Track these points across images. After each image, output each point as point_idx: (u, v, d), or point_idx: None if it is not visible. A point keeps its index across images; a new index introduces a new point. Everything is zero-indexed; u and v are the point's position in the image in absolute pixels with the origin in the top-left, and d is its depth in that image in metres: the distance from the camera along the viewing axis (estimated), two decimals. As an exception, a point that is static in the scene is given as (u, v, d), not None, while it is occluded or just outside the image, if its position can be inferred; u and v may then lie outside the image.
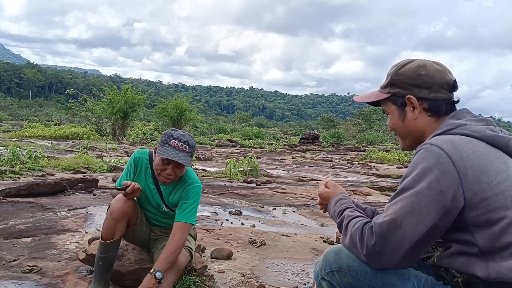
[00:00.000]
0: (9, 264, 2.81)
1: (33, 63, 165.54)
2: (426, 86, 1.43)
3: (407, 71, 1.47)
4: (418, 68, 1.45)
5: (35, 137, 21.50)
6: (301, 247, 3.75)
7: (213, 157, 15.01)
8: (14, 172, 7.72)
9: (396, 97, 1.50)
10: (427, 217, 1.22)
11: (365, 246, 1.29)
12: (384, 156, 18.56)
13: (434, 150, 1.26)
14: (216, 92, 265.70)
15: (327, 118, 64.95)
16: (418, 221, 1.23)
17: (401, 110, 1.50)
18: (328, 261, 1.42)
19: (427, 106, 1.44)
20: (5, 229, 3.66)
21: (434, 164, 1.24)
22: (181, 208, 2.41)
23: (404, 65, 1.49)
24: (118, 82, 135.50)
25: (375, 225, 1.28)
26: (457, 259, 1.28)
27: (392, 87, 1.51)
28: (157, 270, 2.21)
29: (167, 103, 29.05)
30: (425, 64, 1.46)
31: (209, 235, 3.89)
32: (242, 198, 6.66)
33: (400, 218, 1.24)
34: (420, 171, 1.25)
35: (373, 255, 1.28)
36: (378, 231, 1.26)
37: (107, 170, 9.24)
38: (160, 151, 2.28)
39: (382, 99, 1.56)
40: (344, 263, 1.37)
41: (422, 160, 1.27)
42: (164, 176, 2.33)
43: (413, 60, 1.50)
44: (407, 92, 1.46)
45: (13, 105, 66.98)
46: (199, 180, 2.52)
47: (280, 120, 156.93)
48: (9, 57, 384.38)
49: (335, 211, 1.56)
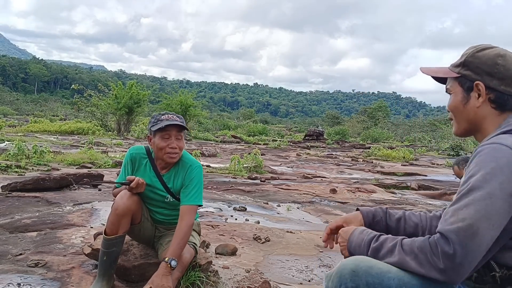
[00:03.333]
0: (15, 258, 2.82)
1: (39, 58, 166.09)
2: (499, 77, 1.36)
3: (484, 56, 1.39)
4: (497, 56, 1.37)
5: (41, 132, 21.62)
6: (305, 244, 3.75)
7: (218, 153, 15.02)
8: (20, 166, 7.77)
9: (464, 80, 1.42)
10: (499, 221, 1.16)
11: (443, 260, 1.15)
12: (389, 154, 18.49)
13: (504, 150, 1.21)
14: (221, 88, 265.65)
15: (332, 115, 64.89)
16: (493, 225, 1.16)
17: (465, 94, 1.42)
18: (343, 278, 1.30)
19: (493, 97, 1.37)
20: (11, 223, 3.68)
21: (506, 165, 1.18)
22: (186, 192, 2.46)
23: (483, 49, 1.41)
24: (123, 77, 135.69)
25: (449, 233, 1.16)
26: (509, 253, 1.24)
27: (464, 68, 1.43)
28: (172, 259, 2.26)
29: (171, 99, 29.08)
30: (506, 54, 1.38)
31: (213, 231, 3.89)
32: (246, 195, 6.67)
33: (476, 224, 1.15)
34: (490, 170, 1.19)
35: (453, 268, 1.15)
36: (455, 239, 1.14)
37: (112, 165, 9.28)
38: (157, 127, 2.38)
39: (449, 77, 1.48)
40: (362, 281, 1.26)
41: (492, 159, 1.20)
42: (170, 151, 2.40)
43: (494, 47, 1.42)
44: (478, 78, 1.38)
45: (19, 100, 67.37)
46: (197, 161, 2.59)
47: (284, 117, 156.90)
48: (15, 52, 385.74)
49: (364, 239, 1.39)
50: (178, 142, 2.42)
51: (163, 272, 2.23)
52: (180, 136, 2.45)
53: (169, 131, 2.40)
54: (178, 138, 2.43)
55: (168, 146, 2.40)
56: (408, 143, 33.51)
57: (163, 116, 2.44)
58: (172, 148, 2.40)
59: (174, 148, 2.41)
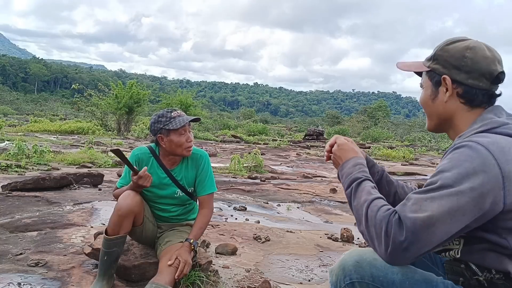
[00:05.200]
0: (15, 257, 2.82)
1: (39, 58, 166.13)
2: (466, 70, 1.32)
3: (453, 49, 1.35)
4: (465, 49, 1.33)
5: (41, 131, 21.59)
6: (305, 244, 3.75)
7: (218, 153, 15.01)
8: (20, 166, 7.77)
9: (433, 74, 1.40)
10: (461, 218, 1.15)
11: (392, 242, 1.15)
12: (389, 153, 18.48)
13: (480, 150, 1.17)
14: (221, 88, 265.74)
15: (332, 114, 64.77)
16: (453, 221, 1.15)
17: (434, 89, 1.40)
18: (347, 270, 1.29)
19: (461, 92, 1.34)
20: (11, 223, 3.68)
21: (480, 165, 1.15)
22: (201, 184, 2.57)
23: (454, 42, 1.38)
24: (123, 77, 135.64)
25: (406, 219, 1.15)
26: (488, 255, 1.23)
27: (433, 62, 1.40)
28: (195, 241, 2.41)
29: (171, 99, 29.07)
30: (475, 46, 1.33)
31: (213, 230, 3.90)
32: (246, 194, 6.67)
33: (436, 217, 1.14)
34: (463, 170, 1.16)
35: (398, 251, 1.15)
36: (410, 227, 1.14)
37: (112, 165, 9.29)
38: (173, 125, 2.41)
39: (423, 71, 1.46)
40: (367, 273, 1.26)
41: (467, 159, 1.17)
42: (188, 145, 2.48)
43: (467, 39, 1.38)
44: (445, 71, 1.35)
45: (19, 99, 67.40)
46: (202, 150, 2.68)
47: (284, 117, 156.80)
48: (14, 52, 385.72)
49: (352, 174, 1.39)
50: (190, 135, 2.51)
51: (185, 250, 2.34)
52: (190, 128, 2.52)
53: (184, 126, 2.45)
54: (190, 131, 2.51)
55: (187, 141, 2.46)
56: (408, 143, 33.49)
57: (173, 113, 2.46)
58: (189, 142, 2.48)
59: (191, 141, 2.49)
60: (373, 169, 1.63)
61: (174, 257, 2.28)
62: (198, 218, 2.53)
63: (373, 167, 1.63)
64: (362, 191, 1.32)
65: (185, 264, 2.27)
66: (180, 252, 2.32)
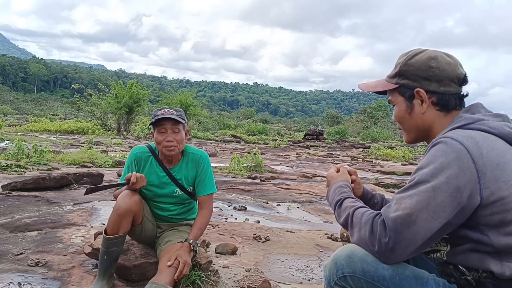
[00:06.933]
0: (16, 257, 2.83)
1: (39, 58, 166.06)
2: (436, 79, 1.37)
3: (417, 62, 1.41)
4: (429, 60, 1.39)
5: (40, 131, 21.60)
6: (305, 243, 3.75)
7: (218, 152, 15.02)
8: (20, 166, 7.77)
9: (404, 89, 1.44)
10: (442, 214, 1.18)
11: (377, 242, 1.22)
12: (389, 153, 18.49)
13: (454, 145, 1.21)
14: (221, 88, 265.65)
15: (332, 114, 64.77)
16: (433, 217, 1.18)
17: (408, 103, 1.44)
18: (339, 264, 1.33)
19: (436, 100, 1.39)
20: (11, 223, 3.68)
21: (454, 159, 1.18)
22: (201, 184, 2.58)
23: (414, 55, 1.43)
24: (123, 77, 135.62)
25: (388, 220, 1.21)
26: (471, 255, 1.25)
27: (400, 78, 1.44)
28: (195, 242, 2.41)
29: (171, 99, 29.07)
30: (436, 56, 1.40)
31: (213, 230, 3.90)
32: (246, 194, 6.67)
33: (415, 214, 1.18)
34: (438, 165, 1.20)
35: (385, 251, 1.21)
36: (392, 226, 1.19)
37: (112, 164, 9.28)
38: (152, 121, 2.47)
39: (388, 89, 1.49)
40: (358, 268, 1.29)
41: (441, 154, 1.21)
42: (166, 144, 2.45)
43: (424, 50, 1.44)
44: (416, 85, 1.40)
45: (19, 99, 67.38)
46: (203, 150, 2.68)
47: (284, 116, 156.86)
48: (14, 52, 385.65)
49: (333, 199, 1.50)
50: (175, 135, 2.46)
51: (185, 250, 2.35)
52: (177, 129, 2.48)
53: (164, 125, 2.46)
54: (175, 131, 2.47)
55: (165, 140, 2.45)
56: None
57: (160, 111, 2.50)
58: (168, 142, 2.45)
59: (170, 141, 2.45)
60: (373, 200, 1.74)
61: (174, 258, 2.28)
62: (197, 219, 2.54)
63: (372, 199, 1.74)
64: (344, 209, 1.41)
65: (184, 264, 2.27)
66: (180, 252, 2.32)
